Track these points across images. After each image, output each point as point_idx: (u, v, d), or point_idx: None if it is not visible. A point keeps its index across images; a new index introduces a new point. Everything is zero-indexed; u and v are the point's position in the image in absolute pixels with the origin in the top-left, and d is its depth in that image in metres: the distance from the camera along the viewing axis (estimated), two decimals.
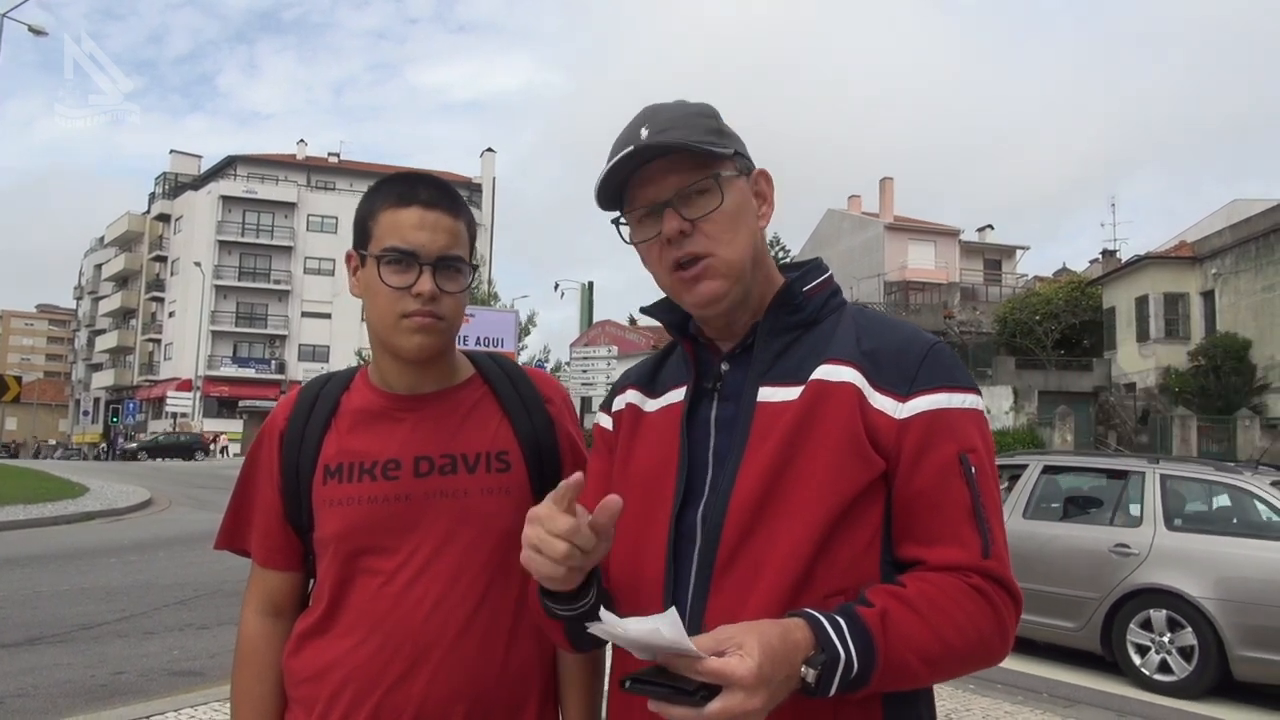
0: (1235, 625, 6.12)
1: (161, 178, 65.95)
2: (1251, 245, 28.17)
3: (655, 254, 1.20)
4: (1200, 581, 6.33)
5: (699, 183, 1.16)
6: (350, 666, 1.37)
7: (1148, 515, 6.83)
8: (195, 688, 5.36)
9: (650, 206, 1.18)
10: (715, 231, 1.16)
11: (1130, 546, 6.73)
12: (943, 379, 1.14)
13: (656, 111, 1.20)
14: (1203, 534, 6.70)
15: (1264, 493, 6.58)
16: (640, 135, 1.16)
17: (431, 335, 1.39)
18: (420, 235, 1.36)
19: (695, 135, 1.16)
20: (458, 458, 1.42)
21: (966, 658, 1.07)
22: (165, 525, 14.68)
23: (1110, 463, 7.97)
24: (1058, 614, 6.87)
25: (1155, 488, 6.93)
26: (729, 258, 1.17)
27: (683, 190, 1.16)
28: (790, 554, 1.09)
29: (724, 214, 1.16)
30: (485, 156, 65.72)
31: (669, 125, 1.16)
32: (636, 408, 1.31)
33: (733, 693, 0.90)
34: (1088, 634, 6.84)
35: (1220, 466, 7.44)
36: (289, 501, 1.45)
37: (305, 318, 59.41)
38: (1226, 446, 24.62)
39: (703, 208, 1.16)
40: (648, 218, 1.19)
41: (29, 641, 6.42)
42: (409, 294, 1.36)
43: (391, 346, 1.41)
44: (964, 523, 1.10)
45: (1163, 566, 6.54)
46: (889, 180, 49.99)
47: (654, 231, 1.19)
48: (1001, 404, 28.66)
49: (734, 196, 1.18)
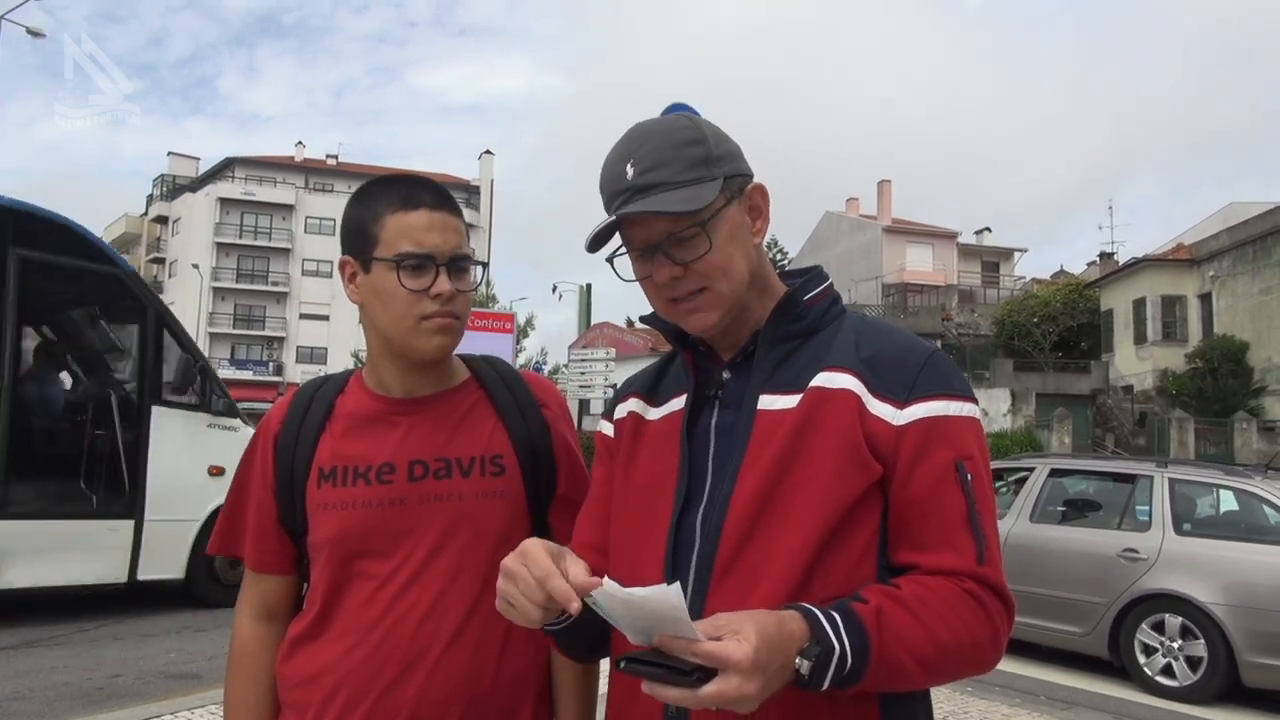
0: (1244, 631, 6.08)
1: (159, 180, 65.94)
2: (1249, 248, 28.23)
3: (651, 290, 1.22)
4: (1209, 587, 6.29)
5: (686, 230, 1.16)
6: (343, 671, 1.36)
7: (1156, 520, 6.78)
8: (192, 690, 5.35)
9: (643, 248, 1.19)
10: (708, 270, 1.17)
11: (1139, 551, 6.68)
12: (941, 387, 1.15)
13: (640, 143, 1.18)
14: (1211, 539, 6.66)
15: (1273, 497, 6.53)
16: (626, 174, 1.16)
17: (450, 335, 1.40)
18: (433, 237, 1.37)
19: (679, 175, 1.15)
20: (452, 462, 1.42)
21: (959, 661, 1.08)
22: None
23: (1118, 466, 7.93)
24: (1065, 619, 6.83)
25: (1164, 492, 6.87)
26: (724, 290, 1.18)
27: (673, 234, 1.16)
28: (788, 560, 1.09)
29: (714, 257, 1.17)
30: (483, 159, 65.81)
31: (653, 164, 1.15)
32: (639, 416, 1.32)
33: (728, 676, 0.91)
34: (1095, 639, 6.79)
35: (1229, 470, 7.40)
36: (283, 505, 1.45)
37: (303, 320, 59.39)
38: (1224, 449, 24.67)
39: (693, 252, 1.16)
40: (641, 257, 1.20)
41: (25, 644, 6.41)
42: (427, 296, 1.36)
43: (409, 349, 1.40)
44: (959, 529, 1.10)
45: (1171, 571, 6.49)
46: (887, 183, 50.08)
47: (648, 273, 1.20)
48: (999, 406, 28.70)
49: (723, 233, 1.17)
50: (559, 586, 1.02)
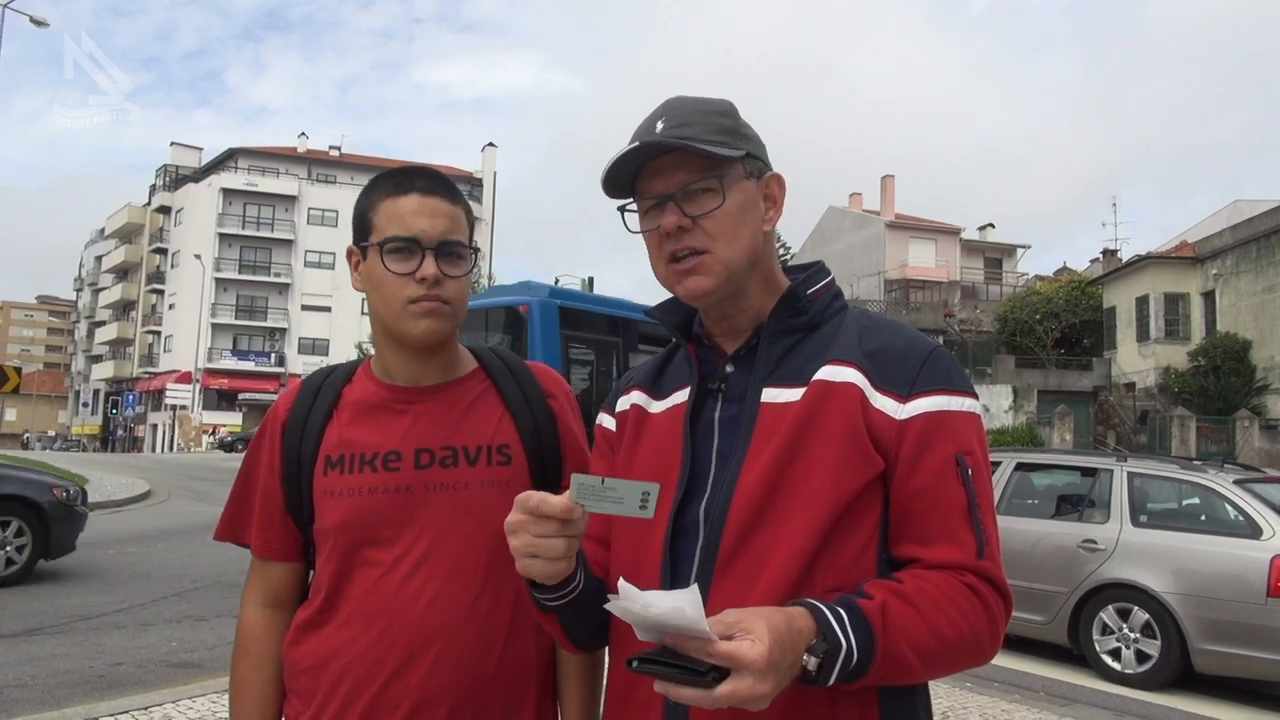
0: (1196, 619, 6.28)
1: (162, 170, 65.90)
2: (1252, 246, 28.17)
3: (655, 244, 1.22)
4: (1163, 577, 6.50)
5: (703, 181, 1.18)
6: (348, 658, 1.37)
7: (1114, 512, 7.01)
8: (193, 679, 5.37)
9: (656, 199, 1.20)
10: (715, 230, 1.18)
11: (1097, 542, 6.91)
12: (943, 382, 1.16)
13: (675, 106, 1.22)
14: (1167, 530, 6.85)
15: (1227, 491, 6.71)
16: (656, 128, 1.19)
17: (438, 319, 1.39)
18: (420, 221, 1.38)
19: (707, 134, 1.18)
20: (459, 450, 1.42)
21: (959, 654, 1.09)
22: (164, 517, 14.70)
23: (1080, 460, 8.15)
24: (1028, 608, 7.00)
25: (1122, 485, 7.10)
26: (725, 257, 1.19)
27: (687, 186, 1.18)
28: (791, 552, 1.10)
29: (725, 214, 1.18)
30: (486, 151, 65.69)
31: (683, 122, 1.18)
32: (641, 409, 1.32)
33: (742, 676, 0.91)
34: (1056, 627, 7.01)
35: (1186, 465, 7.62)
36: (290, 492, 1.45)
37: (305, 311, 59.40)
38: (1226, 447, 24.65)
39: (704, 206, 1.18)
40: (653, 209, 1.21)
41: (28, 632, 6.43)
42: (413, 279, 1.37)
43: (399, 334, 1.41)
44: (960, 523, 1.11)
45: (1128, 562, 6.71)
46: (890, 178, 49.97)
47: (657, 223, 1.21)
48: (1001, 403, 28.69)
49: (737, 198, 1.20)
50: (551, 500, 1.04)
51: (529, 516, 1.05)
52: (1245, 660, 6.07)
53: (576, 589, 1.13)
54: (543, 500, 1.04)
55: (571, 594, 1.13)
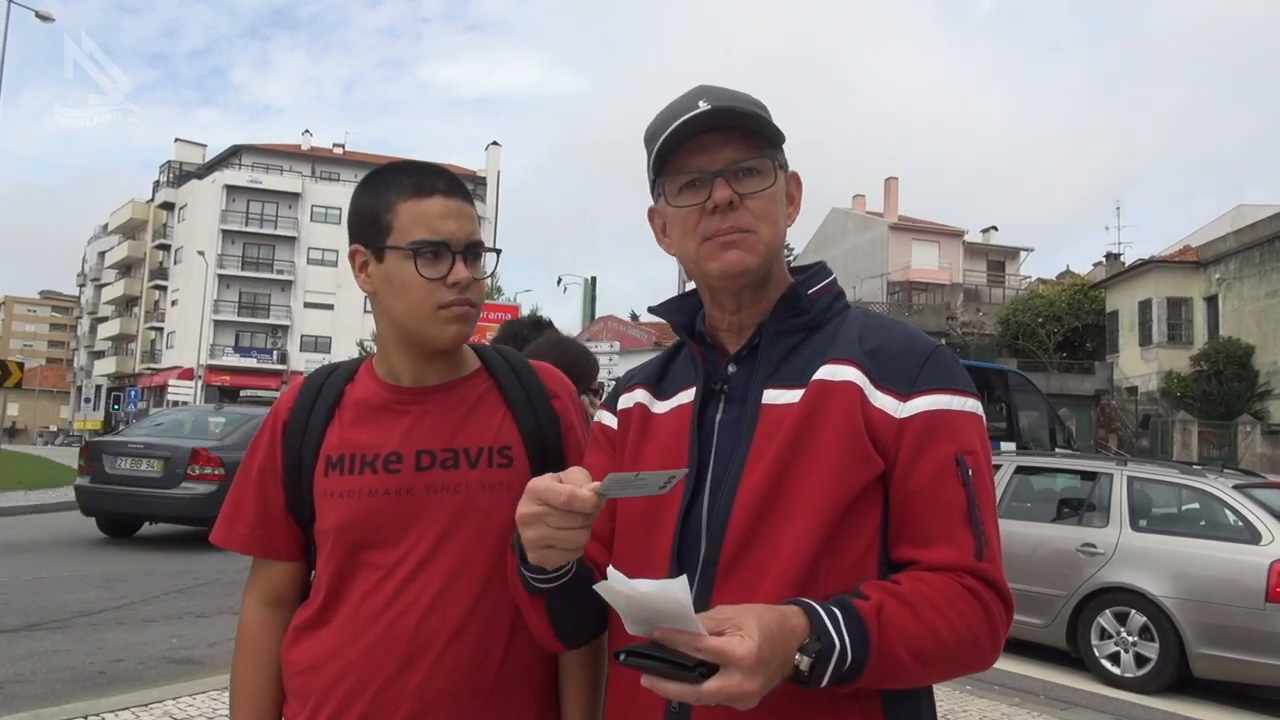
0: (1194, 624, 6.27)
1: (166, 166, 65.89)
2: (1256, 251, 28.12)
3: (692, 221, 1.19)
4: (1162, 581, 6.49)
5: (754, 160, 1.17)
6: (346, 661, 1.36)
7: (1114, 516, 7.00)
8: (194, 676, 5.37)
9: (700, 174, 1.18)
10: (760, 210, 1.17)
11: (1096, 546, 6.91)
12: (944, 381, 1.15)
13: (712, 89, 1.20)
14: (1167, 535, 6.85)
15: (1226, 496, 6.71)
16: (698, 105, 1.16)
17: (466, 324, 1.39)
18: (449, 224, 1.36)
19: (754, 110, 1.17)
20: (460, 452, 1.41)
21: (957, 657, 1.07)
22: None
23: (1080, 464, 8.17)
24: (1027, 611, 6.99)
25: (1122, 489, 7.09)
26: (768, 238, 1.18)
27: (736, 164, 1.16)
28: (793, 554, 1.09)
29: (771, 196, 1.18)
30: (490, 150, 65.68)
31: (728, 99, 1.17)
32: (645, 408, 1.31)
33: (730, 673, 0.90)
34: (1054, 630, 7.01)
35: (1186, 470, 7.63)
36: (291, 492, 1.44)
37: (308, 308, 59.41)
38: (1227, 452, 24.61)
39: (754, 186, 1.17)
40: (690, 186, 1.19)
41: (29, 627, 6.44)
42: (444, 284, 1.35)
43: (424, 337, 1.39)
44: (959, 524, 1.10)
45: (1127, 566, 6.72)
46: (894, 180, 49.92)
47: (695, 199, 1.18)
48: None
49: (779, 185, 1.20)
50: (583, 495, 1.00)
51: (548, 508, 1.01)
52: (1244, 665, 6.07)
53: (570, 572, 1.12)
54: (572, 497, 1.00)
55: (564, 577, 1.12)
